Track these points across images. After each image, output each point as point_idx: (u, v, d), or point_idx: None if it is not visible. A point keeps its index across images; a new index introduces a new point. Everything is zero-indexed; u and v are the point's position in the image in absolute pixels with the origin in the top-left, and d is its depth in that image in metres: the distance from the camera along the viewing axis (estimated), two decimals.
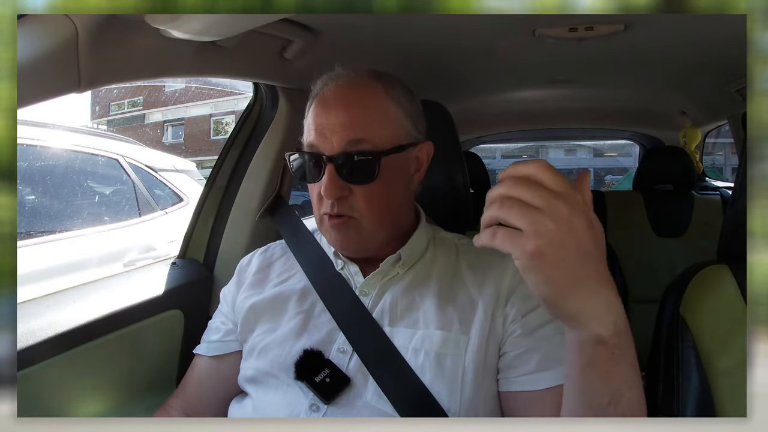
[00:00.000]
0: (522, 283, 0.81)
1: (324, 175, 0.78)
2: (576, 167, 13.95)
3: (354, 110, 0.79)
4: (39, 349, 0.85)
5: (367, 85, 0.82)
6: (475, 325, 0.78)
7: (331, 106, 0.80)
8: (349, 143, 0.78)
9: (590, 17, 1.13)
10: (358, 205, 0.80)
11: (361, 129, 0.79)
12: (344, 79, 0.82)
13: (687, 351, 0.85)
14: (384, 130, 0.80)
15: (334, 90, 0.81)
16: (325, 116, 0.80)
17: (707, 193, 2.29)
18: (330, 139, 0.78)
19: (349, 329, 0.81)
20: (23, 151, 2.30)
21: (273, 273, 0.94)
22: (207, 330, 0.97)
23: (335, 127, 0.78)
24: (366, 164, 0.78)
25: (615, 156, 11.70)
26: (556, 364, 0.73)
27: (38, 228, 2.33)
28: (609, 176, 11.87)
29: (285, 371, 0.81)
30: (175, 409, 0.91)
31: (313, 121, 0.81)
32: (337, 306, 0.84)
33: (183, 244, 1.30)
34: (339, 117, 0.79)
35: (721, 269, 0.88)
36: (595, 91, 2.09)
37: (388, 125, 0.81)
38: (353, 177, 0.79)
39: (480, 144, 3.13)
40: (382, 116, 0.81)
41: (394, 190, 0.83)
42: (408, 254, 0.86)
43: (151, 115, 12.81)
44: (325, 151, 0.79)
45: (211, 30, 0.82)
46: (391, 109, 0.82)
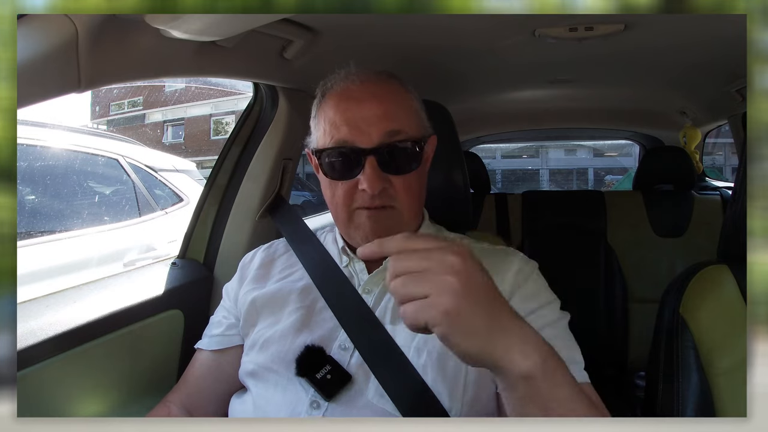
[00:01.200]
0: (523, 285, 0.82)
1: (364, 168, 0.78)
2: (576, 167, 13.98)
3: (387, 103, 0.81)
4: (39, 349, 0.85)
5: (388, 81, 0.84)
6: None
7: (363, 99, 0.80)
8: (387, 134, 0.79)
9: (590, 17, 1.13)
10: (397, 194, 0.81)
11: (397, 120, 0.80)
12: (364, 75, 0.83)
13: (687, 351, 0.85)
14: (414, 122, 0.84)
15: (361, 85, 0.81)
16: (357, 110, 0.80)
17: (707, 193, 2.29)
18: (367, 131, 0.79)
19: (351, 326, 0.82)
20: (23, 151, 2.30)
21: (275, 269, 0.95)
22: (209, 325, 0.97)
23: (371, 120, 0.79)
24: (408, 153, 0.81)
25: (615, 156, 11.70)
26: None
27: (38, 228, 2.33)
28: (609, 176, 11.87)
29: (286, 366, 0.81)
30: (175, 404, 0.91)
31: (341, 116, 0.80)
32: (339, 303, 0.85)
33: (183, 244, 1.30)
34: (374, 109, 0.79)
35: (721, 269, 0.88)
36: (595, 91, 2.09)
37: (415, 117, 0.84)
38: (395, 167, 0.80)
39: (480, 144, 3.13)
40: (409, 109, 0.84)
41: (425, 179, 0.87)
42: None
43: (151, 115, 12.80)
44: (362, 144, 0.79)
45: (211, 30, 0.82)
46: (413, 103, 0.85)
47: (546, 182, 13.99)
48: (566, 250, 2.06)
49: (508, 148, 12.26)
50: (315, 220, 1.93)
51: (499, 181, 12.57)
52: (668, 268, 2.02)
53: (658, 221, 2.11)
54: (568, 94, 2.11)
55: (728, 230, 0.91)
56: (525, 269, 0.84)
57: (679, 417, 0.83)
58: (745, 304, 0.83)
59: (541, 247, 2.07)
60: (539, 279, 0.85)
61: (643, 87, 1.98)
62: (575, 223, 2.16)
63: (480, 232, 1.16)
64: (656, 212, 2.13)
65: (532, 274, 0.85)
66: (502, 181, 12.85)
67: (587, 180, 13.56)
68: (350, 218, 0.83)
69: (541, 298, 0.82)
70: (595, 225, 2.12)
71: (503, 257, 0.86)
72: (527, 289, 0.82)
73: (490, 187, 2.38)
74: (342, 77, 0.84)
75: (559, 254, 2.00)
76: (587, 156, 13.78)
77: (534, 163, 14.44)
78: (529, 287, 0.82)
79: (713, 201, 2.18)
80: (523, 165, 14.45)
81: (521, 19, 1.11)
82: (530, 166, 14.45)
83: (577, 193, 2.68)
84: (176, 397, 0.92)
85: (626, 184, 6.47)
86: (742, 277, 0.85)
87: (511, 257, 0.86)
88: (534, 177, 14.20)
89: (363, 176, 0.78)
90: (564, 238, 2.12)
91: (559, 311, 0.82)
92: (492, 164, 11.85)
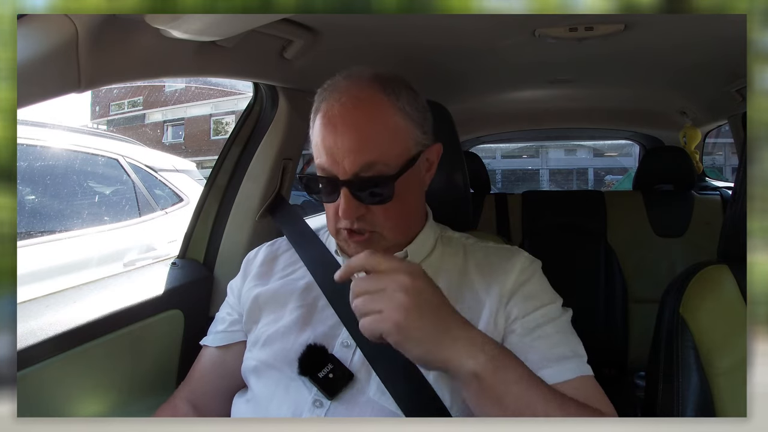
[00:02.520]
0: (525, 284, 0.83)
1: (340, 197, 0.78)
2: (576, 167, 13.97)
3: (363, 132, 0.77)
4: (39, 349, 0.85)
5: (372, 99, 0.79)
6: (480, 324, 0.79)
7: (338, 128, 0.77)
8: (362, 168, 0.76)
9: (590, 17, 1.13)
10: (377, 220, 0.80)
11: (372, 151, 0.76)
12: (347, 95, 0.78)
13: (687, 351, 0.85)
14: (395, 147, 0.79)
15: (340, 110, 0.78)
16: (332, 139, 0.77)
17: (707, 193, 2.29)
18: (341, 163, 0.77)
19: (353, 324, 0.81)
20: (23, 151, 2.30)
21: (278, 266, 0.96)
22: (213, 322, 0.98)
23: (345, 153, 0.76)
24: (381, 187, 0.78)
25: (615, 156, 11.69)
26: (555, 362, 0.75)
27: (38, 228, 2.33)
28: (609, 176, 11.86)
29: (288, 365, 0.81)
30: (181, 399, 0.92)
31: (321, 142, 0.79)
32: (341, 301, 0.84)
33: (183, 244, 1.30)
34: (347, 141, 0.76)
35: (721, 269, 0.88)
36: (595, 91, 2.09)
37: (398, 140, 0.79)
38: (370, 199, 0.78)
39: (480, 144, 3.13)
40: (391, 132, 0.79)
41: (410, 199, 0.84)
42: (415, 251, 0.86)
43: (151, 115, 12.79)
44: (338, 173, 0.77)
45: (211, 30, 0.82)
46: (399, 123, 0.79)
47: (546, 182, 13.97)
48: (566, 250, 2.06)
49: (508, 148, 12.24)
50: (315, 220, 1.92)
51: (499, 181, 12.56)
52: (668, 268, 2.02)
53: (658, 221, 2.11)
54: (568, 94, 2.11)
55: (728, 230, 0.91)
56: (528, 269, 0.84)
57: (679, 417, 0.83)
58: (745, 304, 0.83)
59: (541, 247, 2.05)
60: (542, 278, 0.86)
61: (643, 87, 1.98)
62: (575, 223, 2.16)
63: (481, 232, 1.16)
64: (656, 212, 2.13)
65: (535, 273, 0.85)
66: (502, 181, 12.84)
67: (587, 180, 13.55)
68: (337, 234, 0.84)
69: (543, 297, 0.83)
70: (595, 225, 2.12)
71: (508, 256, 0.86)
72: (529, 289, 0.82)
73: (490, 187, 2.38)
74: (331, 92, 0.81)
75: (559, 254, 1.98)
76: (587, 156, 13.77)
77: (534, 163, 14.43)
78: (532, 286, 0.83)
79: (713, 201, 2.18)
80: (523, 165, 14.43)
81: (521, 19, 1.11)
82: (530, 166, 14.44)
83: (577, 193, 2.68)
84: (183, 393, 0.93)
85: (626, 184, 6.46)
86: (742, 277, 0.85)
87: (515, 256, 0.86)
88: (534, 177, 14.19)
89: (339, 204, 0.78)
90: (564, 238, 2.12)
91: (561, 308, 0.83)
92: (492, 164, 11.83)
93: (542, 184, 13.80)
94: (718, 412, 0.81)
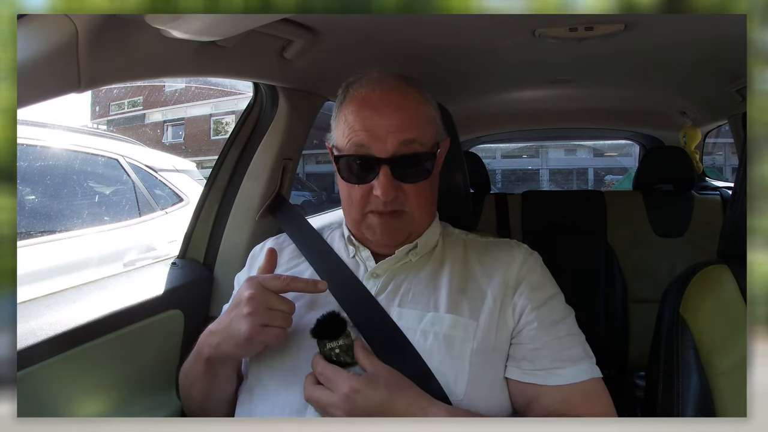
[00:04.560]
0: (528, 276, 0.87)
1: (378, 176, 0.82)
2: (576, 167, 13.98)
3: (405, 112, 0.84)
4: (39, 349, 0.85)
5: (406, 89, 0.87)
6: (484, 312, 0.82)
7: (381, 108, 0.83)
8: (402, 144, 0.82)
9: (590, 17, 1.13)
10: (408, 200, 0.85)
11: (412, 130, 0.84)
12: (386, 83, 0.86)
13: (687, 351, 0.85)
14: (428, 131, 0.87)
15: (381, 94, 0.85)
16: (376, 118, 0.83)
17: (707, 193, 2.29)
18: (384, 139, 0.82)
19: (357, 312, 0.84)
20: (23, 151, 2.30)
21: (283, 258, 0.98)
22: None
23: (390, 128, 0.82)
24: (420, 163, 0.84)
25: (615, 156, 11.70)
26: (570, 363, 0.79)
27: (38, 228, 2.33)
28: (609, 176, 11.87)
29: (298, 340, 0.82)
30: None
31: (360, 122, 0.84)
32: (345, 293, 0.87)
33: (183, 244, 1.30)
34: (392, 119, 0.83)
35: (721, 269, 0.88)
36: (595, 91, 2.08)
37: (430, 126, 0.88)
38: (408, 176, 0.84)
39: (480, 144, 3.13)
40: (425, 118, 0.87)
41: (435, 184, 0.90)
42: (423, 244, 0.91)
43: (151, 115, 12.80)
44: (378, 152, 0.82)
45: (211, 30, 0.82)
46: (430, 112, 0.89)
47: (546, 182, 13.98)
48: (566, 250, 2.05)
49: (508, 148, 12.26)
50: (316, 220, 1.92)
51: (499, 181, 12.57)
52: (668, 268, 2.01)
53: (658, 221, 2.11)
54: (568, 94, 2.11)
55: (728, 230, 0.91)
56: (530, 260, 0.89)
57: (679, 417, 0.83)
58: (745, 304, 0.83)
59: (541, 247, 2.04)
60: (544, 270, 0.90)
61: (643, 87, 1.97)
62: (575, 223, 2.15)
63: (480, 231, 1.16)
64: (656, 212, 2.13)
65: (537, 265, 0.90)
66: (502, 181, 12.86)
67: (587, 180, 13.56)
68: (363, 219, 0.87)
69: (548, 289, 0.87)
70: (595, 225, 2.12)
71: (508, 249, 0.91)
72: (534, 280, 0.87)
73: (490, 187, 2.38)
74: (365, 83, 0.87)
75: (559, 254, 1.99)
76: (587, 156, 13.77)
77: (534, 163, 14.43)
78: (536, 277, 0.87)
79: (713, 201, 2.17)
80: (523, 165, 14.44)
81: (521, 19, 1.11)
82: (530, 166, 14.44)
83: (577, 193, 2.68)
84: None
85: (626, 184, 6.47)
86: (742, 277, 0.85)
87: (515, 249, 0.91)
88: (534, 177, 14.20)
89: (377, 183, 0.82)
90: (564, 238, 2.12)
91: (566, 305, 0.88)
92: (492, 164, 11.84)
93: (542, 184, 13.81)
94: (718, 412, 0.81)
